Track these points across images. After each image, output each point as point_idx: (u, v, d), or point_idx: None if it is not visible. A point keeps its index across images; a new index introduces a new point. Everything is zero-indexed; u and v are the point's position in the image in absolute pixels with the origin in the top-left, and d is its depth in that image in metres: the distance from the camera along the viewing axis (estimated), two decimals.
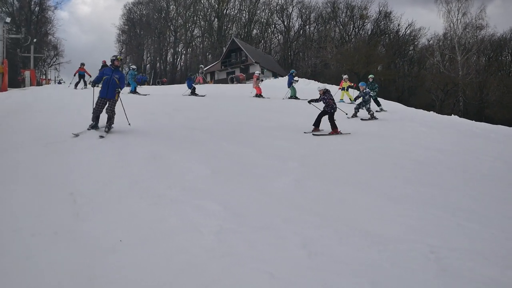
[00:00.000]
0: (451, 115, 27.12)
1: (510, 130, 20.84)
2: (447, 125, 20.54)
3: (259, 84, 28.37)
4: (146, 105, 19.85)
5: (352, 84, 28.52)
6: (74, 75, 30.08)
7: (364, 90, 20.33)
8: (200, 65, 35.21)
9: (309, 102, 17.24)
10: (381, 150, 13.55)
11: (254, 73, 29.97)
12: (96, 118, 13.34)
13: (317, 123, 16.21)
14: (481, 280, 5.30)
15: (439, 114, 26.80)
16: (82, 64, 30.57)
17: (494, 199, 9.51)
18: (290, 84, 28.35)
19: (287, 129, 16.29)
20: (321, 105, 16.69)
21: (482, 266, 5.73)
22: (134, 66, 30.14)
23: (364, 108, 20.34)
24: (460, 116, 27.67)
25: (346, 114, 19.80)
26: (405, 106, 29.12)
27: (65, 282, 4.80)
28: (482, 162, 13.05)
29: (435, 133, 17.70)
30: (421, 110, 27.15)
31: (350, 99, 26.74)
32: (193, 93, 27.35)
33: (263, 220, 7.14)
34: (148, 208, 7.37)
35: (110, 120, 13.28)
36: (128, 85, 26.54)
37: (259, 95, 27.39)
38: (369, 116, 20.25)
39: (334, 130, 15.94)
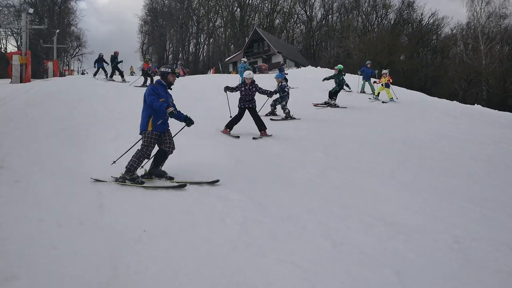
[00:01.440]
0: (474, 104, 26.79)
1: None
2: (470, 115, 20.31)
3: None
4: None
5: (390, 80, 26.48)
6: (142, 74, 27.81)
7: (280, 84, 16.76)
8: (180, 57, 34.58)
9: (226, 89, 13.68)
10: (405, 141, 13.47)
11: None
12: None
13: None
14: (506, 270, 5.27)
15: (463, 104, 26.48)
16: (147, 60, 29.58)
17: None
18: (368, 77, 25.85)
19: (308, 120, 16.23)
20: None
21: (507, 256, 5.69)
22: (245, 59, 29.91)
23: (280, 105, 16.69)
24: (483, 106, 27.26)
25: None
26: (428, 96, 28.76)
27: (90, 272, 4.84)
28: (506, 152, 12.93)
29: (459, 123, 17.53)
30: (445, 100, 26.80)
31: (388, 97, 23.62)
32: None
33: (286, 211, 7.15)
34: (172, 198, 7.40)
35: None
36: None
37: None
38: (284, 115, 16.53)
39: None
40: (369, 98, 23.53)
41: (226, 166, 9.68)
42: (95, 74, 29.78)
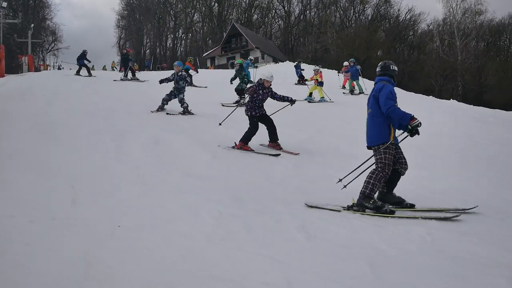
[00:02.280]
0: (450, 99, 27.07)
1: (508, 114, 20.85)
2: (446, 109, 20.54)
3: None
4: (146, 91, 19.80)
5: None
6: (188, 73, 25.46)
7: (180, 73, 15.53)
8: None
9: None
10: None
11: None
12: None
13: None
14: (478, 260, 5.31)
15: (438, 99, 26.73)
16: (191, 60, 28.12)
17: (492, 182, 9.60)
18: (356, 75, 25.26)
19: (287, 114, 16.27)
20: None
21: (479, 247, 5.76)
22: (251, 57, 30.01)
23: (177, 98, 15.41)
24: (459, 101, 27.60)
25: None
26: (405, 91, 28.99)
27: (63, 268, 4.77)
28: (480, 146, 13.12)
29: (434, 117, 17.66)
30: (421, 95, 27.07)
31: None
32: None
33: (262, 204, 7.20)
34: (148, 193, 7.38)
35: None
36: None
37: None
38: (182, 110, 15.32)
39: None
40: (343, 93, 24.45)
41: (202, 161, 9.68)
42: (78, 72, 28.38)
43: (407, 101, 22.03)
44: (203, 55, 78.58)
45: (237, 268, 4.95)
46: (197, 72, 26.39)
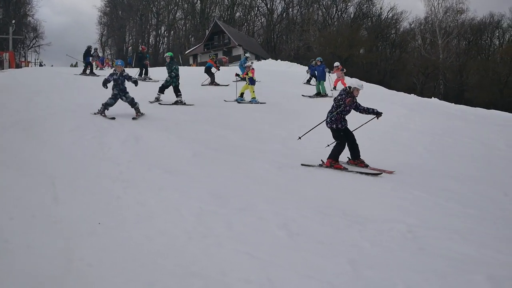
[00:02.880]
0: (431, 98, 27.15)
1: (489, 113, 20.94)
2: (427, 107, 20.60)
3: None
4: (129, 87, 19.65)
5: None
6: (205, 71, 25.15)
7: (125, 73, 14.03)
8: (94, 47, 32.00)
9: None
10: (363, 133, 13.58)
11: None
12: None
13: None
14: (457, 257, 5.35)
15: (420, 97, 26.84)
16: (214, 56, 27.17)
17: (472, 179, 9.66)
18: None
19: (269, 111, 16.29)
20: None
21: (459, 244, 5.79)
22: (248, 54, 29.23)
23: (126, 100, 13.89)
24: (440, 99, 27.68)
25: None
26: (387, 89, 29.10)
27: (43, 265, 4.75)
28: (461, 144, 13.20)
29: (416, 115, 17.76)
30: (402, 93, 27.16)
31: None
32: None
33: (243, 202, 7.20)
34: (128, 190, 7.36)
35: None
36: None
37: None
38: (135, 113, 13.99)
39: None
40: (310, 96, 22.14)
41: (183, 158, 9.66)
42: (87, 71, 26.89)
43: (389, 99, 22.21)
44: (186, 52, 78.24)
45: (217, 265, 4.96)
46: (219, 69, 25.69)
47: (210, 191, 7.57)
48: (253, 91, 19.10)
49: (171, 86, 16.84)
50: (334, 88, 23.73)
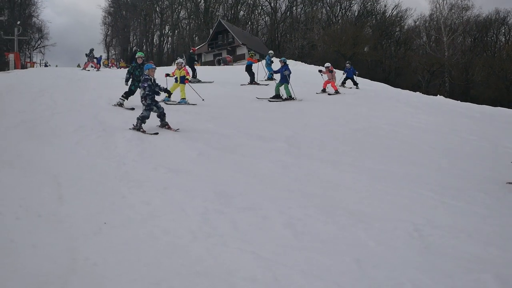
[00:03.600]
0: (437, 95, 27.12)
1: (495, 110, 20.89)
2: (433, 105, 20.55)
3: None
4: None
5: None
6: (246, 70, 24.35)
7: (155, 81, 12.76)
8: (91, 48, 31.88)
9: None
10: (367, 131, 13.58)
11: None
12: None
13: None
14: (464, 256, 5.34)
15: (425, 95, 26.80)
16: (252, 55, 26.12)
17: (478, 178, 9.60)
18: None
19: (273, 110, 16.27)
20: None
21: (465, 243, 5.79)
22: (272, 51, 27.60)
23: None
24: (445, 97, 27.63)
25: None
26: (392, 87, 29.06)
27: (48, 264, 4.76)
28: (466, 142, 13.13)
29: (421, 113, 17.69)
30: (407, 91, 27.14)
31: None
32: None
33: (248, 201, 7.20)
34: (133, 189, 7.37)
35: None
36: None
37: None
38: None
39: None
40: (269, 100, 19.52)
41: (188, 157, 9.66)
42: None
43: (394, 97, 22.17)
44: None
45: (223, 264, 4.97)
46: (259, 61, 25.12)
47: (215, 190, 7.56)
48: (183, 91, 16.81)
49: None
50: (323, 90, 22.15)
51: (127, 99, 15.18)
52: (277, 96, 19.10)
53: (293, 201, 7.32)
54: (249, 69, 24.18)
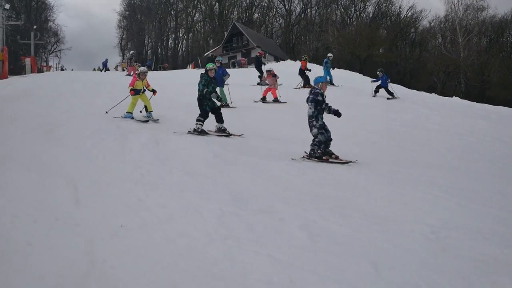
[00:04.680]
0: (452, 96, 27.01)
1: (511, 111, 20.76)
2: (448, 106, 20.48)
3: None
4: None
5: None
6: (300, 74, 24.61)
7: None
8: (132, 52, 31.79)
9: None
10: (382, 132, 13.56)
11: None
12: None
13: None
14: (481, 259, 5.30)
15: (441, 96, 26.67)
16: (306, 57, 26.30)
17: (494, 179, 9.56)
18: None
19: (288, 112, 16.27)
20: None
21: (482, 245, 5.74)
22: (331, 54, 26.91)
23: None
24: (461, 98, 27.56)
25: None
26: (407, 89, 28.93)
27: (66, 267, 4.79)
28: (482, 143, 13.08)
29: (437, 114, 17.66)
30: (423, 92, 27.02)
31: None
32: None
33: (264, 203, 7.19)
34: (149, 192, 7.39)
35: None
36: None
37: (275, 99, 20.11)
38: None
39: None
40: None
41: (203, 160, 9.69)
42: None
43: (410, 98, 22.08)
44: (205, 54, 78.52)
45: (239, 267, 4.95)
46: (310, 70, 24.71)
47: (230, 192, 7.58)
48: (134, 104, 14.48)
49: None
50: (262, 99, 19.77)
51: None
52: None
53: (309, 203, 7.30)
54: (302, 73, 24.36)
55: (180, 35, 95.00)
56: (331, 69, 25.93)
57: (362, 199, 7.70)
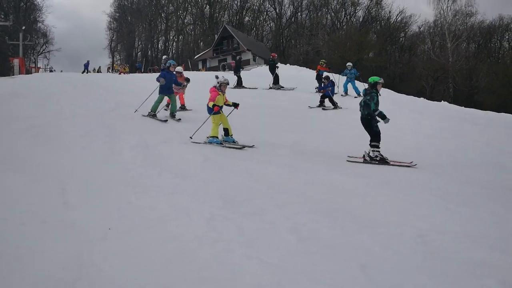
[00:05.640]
0: (441, 101, 27.10)
1: (499, 116, 20.88)
2: (437, 111, 20.55)
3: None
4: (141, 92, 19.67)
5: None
6: (316, 78, 24.69)
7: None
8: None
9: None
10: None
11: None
12: None
13: None
14: (468, 262, 5.33)
15: (430, 101, 26.75)
16: (323, 62, 25.80)
17: (482, 183, 9.61)
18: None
19: (279, 116, 16.28)
20: None
21: (470, 248, 5.77)
22: (350, 63, 24.98)
23: None
24: (450, 102, 27.65)
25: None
26: (396, 93, 28.97)
27: (54, 271, 4.76)
28: (471, 147, 13.15)
29: (425, 119, 17.72)
30: (412, 97, 27.07)
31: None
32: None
33: (254, 206, 7.18)
34: (139, 195, 7.38)
35: None
36: None
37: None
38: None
39: None
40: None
41: (194, 163, 9.68)
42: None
43: (398, 103, 22.14)
44: (195, 57, 78.40)
45: (228, 270, 4.96)
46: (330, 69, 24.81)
47: (221, 195, 7.56)
48: (217, 125, 12.23)
49: None
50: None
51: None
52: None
53: (299, 206, 7.31)
54: (319, 78, 24.19)
55: (171, 37, 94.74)
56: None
57: (353, 202, 7.73)
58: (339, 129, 14.51)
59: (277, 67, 26.30)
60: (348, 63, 24.98)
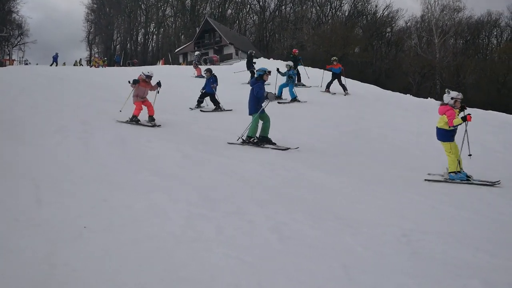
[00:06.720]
0: (427, 98, 27.15)
1: (486, 113, 20.94)
2: (423, 108, 20.54)
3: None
4: (115, 87, 19.47)
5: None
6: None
7: None
8: (198, 53, 30.76)
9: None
10: (357, 133, 13.56)
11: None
12: None
13: None
14: (452, 262, 5.31)
15: (416, 97, 26.83)
16: (335, 60, 23.91)
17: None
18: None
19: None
20: None
21: (454, 248, 5.76)
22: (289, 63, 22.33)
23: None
24: (436, 99, 27.63)
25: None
26: (382, 89, 29.03)
27: (25, 270, 4.63)
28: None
29: (411, 116, 17.75)
30: (398, 93, 27.13)
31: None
32: None
33: (234, 205, 7.12)
34: (115, 193, 7.26)
35: None
36: None
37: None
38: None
39: None
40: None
41: (172, 160, 9.58)
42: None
43: (384, 99, 22.16)
44: (176, 50, 78.11)
45: (207, 270, 4.87)
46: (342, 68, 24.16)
47: (200, 194, 7.47)
48: None
49: None
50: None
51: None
52: None
53: (280, 205, 7.25)
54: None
55: (151, 30, 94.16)
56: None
57: (335, 201, 7.73)
58: (323, 126, 14.43)
59: (302, 64, 25.50)
60: (287, 63, 21.96)
